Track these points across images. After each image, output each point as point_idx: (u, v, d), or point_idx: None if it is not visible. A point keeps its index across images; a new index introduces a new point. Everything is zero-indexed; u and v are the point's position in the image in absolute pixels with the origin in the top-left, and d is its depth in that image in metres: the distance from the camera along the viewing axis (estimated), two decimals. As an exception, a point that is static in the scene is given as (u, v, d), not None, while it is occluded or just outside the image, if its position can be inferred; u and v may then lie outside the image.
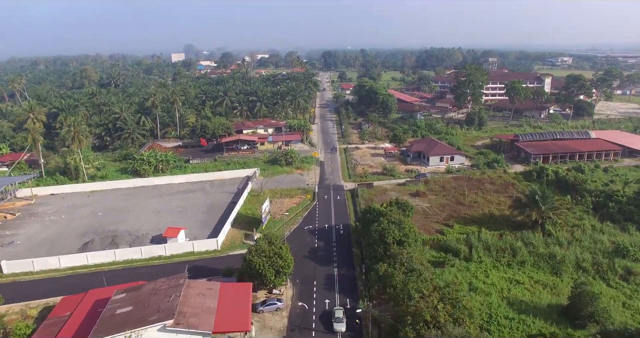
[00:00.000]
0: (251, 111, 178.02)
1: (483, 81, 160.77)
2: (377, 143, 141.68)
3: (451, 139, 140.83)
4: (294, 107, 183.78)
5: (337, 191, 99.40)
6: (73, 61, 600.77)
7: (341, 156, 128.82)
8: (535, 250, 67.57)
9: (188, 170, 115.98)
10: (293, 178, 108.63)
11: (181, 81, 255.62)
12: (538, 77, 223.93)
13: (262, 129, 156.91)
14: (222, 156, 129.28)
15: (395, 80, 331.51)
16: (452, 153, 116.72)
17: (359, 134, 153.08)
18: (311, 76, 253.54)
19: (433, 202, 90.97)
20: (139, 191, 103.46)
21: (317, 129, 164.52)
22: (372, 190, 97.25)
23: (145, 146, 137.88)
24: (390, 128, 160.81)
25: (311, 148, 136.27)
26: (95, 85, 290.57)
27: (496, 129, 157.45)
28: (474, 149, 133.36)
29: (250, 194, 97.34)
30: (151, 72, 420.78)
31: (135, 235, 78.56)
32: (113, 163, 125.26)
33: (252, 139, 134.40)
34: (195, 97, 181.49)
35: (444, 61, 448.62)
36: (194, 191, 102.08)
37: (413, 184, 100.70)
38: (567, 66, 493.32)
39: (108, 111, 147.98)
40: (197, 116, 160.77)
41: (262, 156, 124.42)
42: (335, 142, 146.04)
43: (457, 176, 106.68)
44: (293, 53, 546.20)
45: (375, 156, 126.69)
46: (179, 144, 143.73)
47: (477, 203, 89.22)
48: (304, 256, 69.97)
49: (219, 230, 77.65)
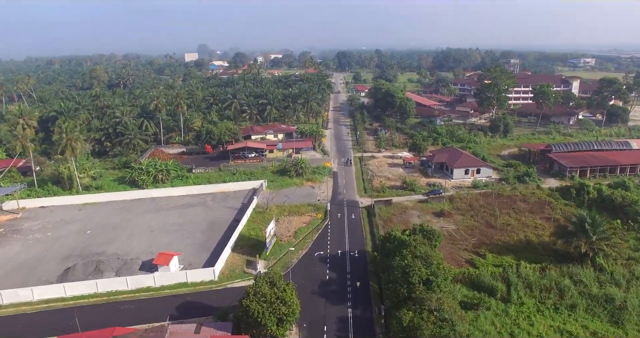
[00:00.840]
0: (261, 115, 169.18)
1: (509, 84, 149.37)
2: (395, 152, 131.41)
3: (475, 148, 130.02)
4: (306, 111, 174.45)
5: (352, 209, 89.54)
6: (87, 60, 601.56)
7: (356, 166, 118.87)
8: (587, 290, 56.95)
9: (190, 181, 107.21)
10: (303, 192, 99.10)
11: (190, 82, 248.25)
12: (565, 80, 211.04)
13: (272, 135, 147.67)
14: (227, 164, 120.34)
15: (412, 82, 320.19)
16: (478, 165, 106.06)
17: (375, 141, 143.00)
18: (325, 78, 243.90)
19: (460, 224, 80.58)
20: (134, 204, 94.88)
21: (330, 135, 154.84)
22: (390, 208, 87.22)
23: (147, 152, 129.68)
24: (408, 134, 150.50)
25: (323, 156, 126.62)
26: (105, 85, 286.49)
27: (523, 137, 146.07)
28: (500, 159, 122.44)
29: (255, 210, 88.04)
30: (163, 72, 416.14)
31: (123, 259, 69.71)
32: (112, 171, 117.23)
33: (260, 147, 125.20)
34: (203, 99, 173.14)
35: (462, 62, 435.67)
36: (194, 205, 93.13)
37: (436, 201, 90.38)
38: (590, 67, 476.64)
39: (111, 114, 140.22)
40: (204, 120, 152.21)
41: (271, 165, 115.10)
42: (350, 150, 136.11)
43: (485, 191, 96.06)
44: (306, 53, 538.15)
45: (393, 167, 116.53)
46: (183, 150, 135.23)
47: (511, 225, 78.48)
48: (313, 291, 60.32)
49: (218, 254, 68.53)
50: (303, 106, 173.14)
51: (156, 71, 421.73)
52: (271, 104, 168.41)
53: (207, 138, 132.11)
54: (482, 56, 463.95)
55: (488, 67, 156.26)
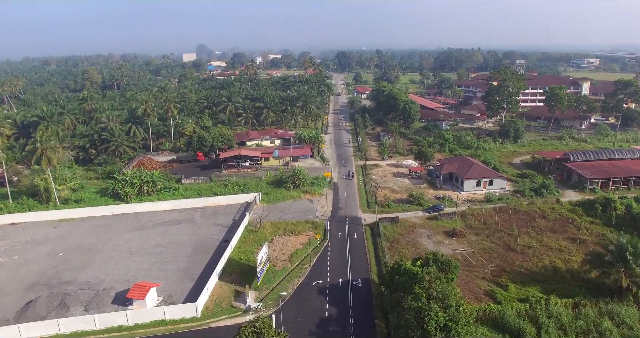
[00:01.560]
0: (257, 119, 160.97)
1: (519, 87, 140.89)
2: (399, 159, 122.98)
3: (485, 155, 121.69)
4: (305, 115, 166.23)
5: (354, 227, 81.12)
6: (84, 60, 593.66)
7: (358, 176, 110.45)
8: (633, 333, 48.57)
9: (178, 193, 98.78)
10: (300, 206, 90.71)
11: (185, 84, 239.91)
12: (574, 82, 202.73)
13: (269, 141, 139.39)
14: (219, 174, 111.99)
15: (414, 83, 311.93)
16: (491, 176, 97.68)
17: (377, 148, 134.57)
18: (324, 79, 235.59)
19: (475, 245, 72.20)
20: (116, 220, 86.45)
21: (330, 141, 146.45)
22: (396, 226, 78.81)
23: (134, 160, 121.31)
24: (412, 139, 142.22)
25: (323, 164, 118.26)
26: (98, 87, 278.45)
27: (534, 143, 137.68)
28: (512, 168, 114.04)
29: (248, 229, 79.63)
30: (159, 73, 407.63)
31: (95, 289, 61.32)
32: (96, 181, 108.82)
33: (255, 155, 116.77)
34: (196, 103, 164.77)
35: (464, 63, 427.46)
36: (181, 222, 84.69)
37: (447, 218, 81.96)
38: (594, 67, 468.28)
39: (98, 119, 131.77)
40: (196, 125, 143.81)
41: (266, 175, 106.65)
42: (351, 157, 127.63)
43: (500, 206, 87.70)
44: (306, 53, 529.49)
45: (398, 177, 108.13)
46: (173, 158, 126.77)
47: (532, 248, 70.03)
48: (311, 332, 51.93)
49: (203, 283, 60.16)
50: (302, 110, 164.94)
51: (152, 72, 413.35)
52: (268, 107, 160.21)
53: (199, 144, 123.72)
54: (485, 56, 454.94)
55: (497, 68, 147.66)
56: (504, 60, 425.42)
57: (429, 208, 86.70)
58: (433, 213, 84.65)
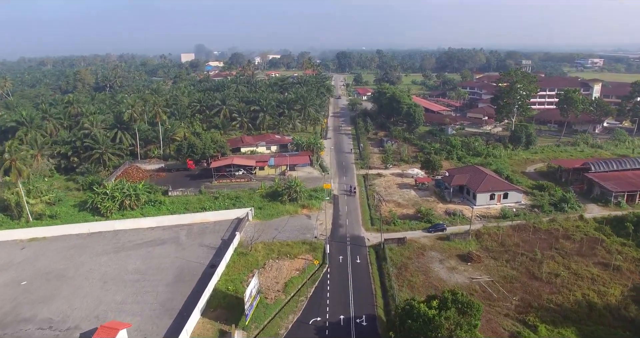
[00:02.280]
0: (253, 123, 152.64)
1: (531, 90, 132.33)
2: (404, 168, 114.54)
3: (496, 163, 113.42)
4: (303, 119, 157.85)
5: (357, 248, 72.66)
6: (81, 61, 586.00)
7: (360, 187, 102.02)
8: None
9: (164, 207, 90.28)
10: (297, 223, 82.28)
11: (179, 85, 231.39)
12: (585, 84, 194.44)
13: (264, 147, 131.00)
14: (210, 184, 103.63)
15: (416, 84, 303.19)
16: (505, 189, 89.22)
17: (380, 155, 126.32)
18: (324, 80, 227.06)
19: (494, 272, 63.80)
20: (92, 240, 78.00)
21: (329, 146, 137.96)
22: (404, 248, 70.41)
23: (119, 168, 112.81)
24: (418, 145, 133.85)
25: (322, 174, 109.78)
26: (90, 88, 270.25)
27: (547, 150, 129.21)
28: (526, 178, 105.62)
29: (237, 251, 71.20)
30: (156, 73, 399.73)
31: (57, 330, 52.91)
32: (77, 193, 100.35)
33: (249, 164, 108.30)
34: (189, 106, 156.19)
35: (466, 63, 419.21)
36: (164, 242, 76.25)
37: (460, 238, 73.55)
38: (598, 68, 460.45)
39: (83, 123, 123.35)
40: (188, 130, 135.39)
41: (260, 186, 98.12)
42: (352, 166, 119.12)
43: (518, 223, 79.34)
44: (305, 54, 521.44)
45: (404, 188, 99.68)
46: (162, 166, 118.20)
47: (560, 277, 61.62)
48: (307, 389, 43.59)
49: (184, 321, 51.83)
50: (300, 113, 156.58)
51: (148, 72, 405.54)
52: (264, 111, 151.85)
53: (189, 152, 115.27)
54: (487, 56, 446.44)
55: (507, 70, 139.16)
56: (507, 60, 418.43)
57: (429, 227, 78.13)
58: (435, 232, 76.29)
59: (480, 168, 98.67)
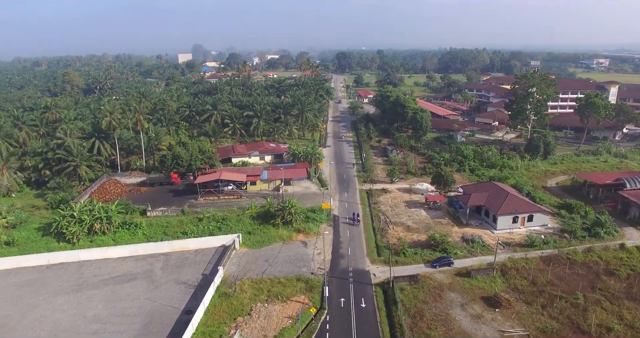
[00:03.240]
0: (247, 129, 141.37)
1: (549, 94, 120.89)
2: (412, 181, 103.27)
3: (513, 176, 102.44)
4: (301, 124, 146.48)
5: (361, 288, 61.36)
6: (76, 61, 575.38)
7: (363, 205, 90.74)
8: None
9: (139, 232, 78.90)
10: (291, 252, 71.00)
11: (171, 87, 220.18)
12: (600, 86, 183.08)
13: (258, 157, 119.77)
14: (195, 202, 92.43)
15: (419, 85, 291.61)
16: (530, 210, 77.93)
17: (384, 166, 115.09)
18: (323, 82, 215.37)
19: (528, 322, 52.44)
20: (51, 274, 66.76)
21: (329, 156, 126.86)
22: (418, 289, 59.15)
23: (96, 183, 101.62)
24: (425, 155, 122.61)
25: (321, 190, 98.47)
26: (80, 90, 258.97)
27: (568, 160, 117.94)
28: (548, 194, 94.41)
29: (220, 291, 59.95)
30: (150, 74, 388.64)
31: None
32: (45, 212, 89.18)
33: (239, 179, 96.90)
34: (177, 111, 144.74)
35: (470, 64, 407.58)
36: (135, 278, 64.99)
37: (483, 275, 62.32)
38: (604, 68, 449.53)
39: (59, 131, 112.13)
40: (175, 138, 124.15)
41: (250, 206, 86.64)
42: (354, 179, 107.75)
43: (548, 254, 68.09)
44: (304, 54, 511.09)
45: (413, 207, 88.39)
46: (144, 180, 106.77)
47: (614, 332, 50.24)
48: None
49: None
50: (297, 119, 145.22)
51: (143, 73, 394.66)
52: (259, 116, 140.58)
53: (174, 164, 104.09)
54: (491, 56, 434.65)
55: (525, 72, 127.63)
56: (512, 60, 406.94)
57: (434, 261, 66.60)
58: (440, 267, 65.00)
59: (499, 184, 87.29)
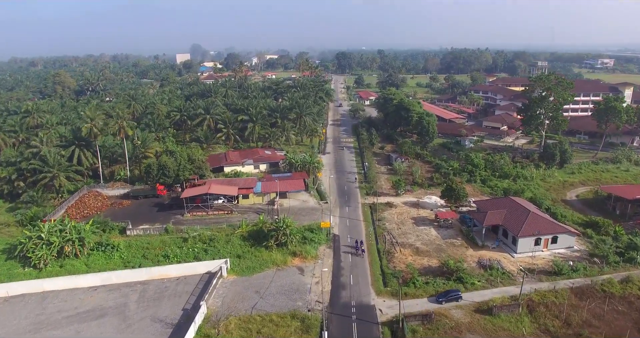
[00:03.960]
0: (241, 134, 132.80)
1: (567, 98, 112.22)
2: (419, 194, 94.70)
3: (529, 188, 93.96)
4: (299, 129, 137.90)
5: (366, 328, 52.66)
6: (72, 61, 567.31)
7: (366, 221, 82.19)
8: None
9: (116, 254, 70.35)
10: (286, 281, 62.41)
11: (164, 89, 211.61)
12: (614, 88, 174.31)
13: (252, 166, 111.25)
14: (181, 218, 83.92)
15: (421, 86, 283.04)
16: (555, 231, 69.36)
17: (389, 175, 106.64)
18: (322, 84, 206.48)
19: (567, 377, 43.97)
20: (8, 309, 58.12)
21: (328, 163, 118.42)
22: (432, 330, 50.56)
23: (75, 195, 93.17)
24: (432, 163, 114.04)
25: (320, 204, 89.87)
26: (71, 92, 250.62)
27: (585, 169, 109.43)
28: (569, 209, 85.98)
29: (202, 332, 51.37)
30: (146, 75, 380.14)
31: None
32: (15, 230, 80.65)
33: (229, 193, 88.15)
34: (167, 115, 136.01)
35: (472, 64, 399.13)
36: (105, 314, 56.31)
37: (508, 312, 53.75)
38: (609, 68, 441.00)
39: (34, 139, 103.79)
40: (164, 145, 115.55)
41: (240, 224, 77.87)
42: (356, 191, 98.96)
43: (580, 284, 59.51)
44: (304, 54, 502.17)
45: (421, 224, 79.79)
46: (127, 191, 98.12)
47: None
48: None
49: None
50: (295, 123, 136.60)
51: (139, 74, 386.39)
52: (254, 121, 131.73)
53: (160, 174, 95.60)
54: (494, 57, 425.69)
55: (539, 74, 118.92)
56: (516, 61, 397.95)
57: (439, 295, 57.43)
58: (447, 302, 56.24)
59: (517, 200, 78.64)
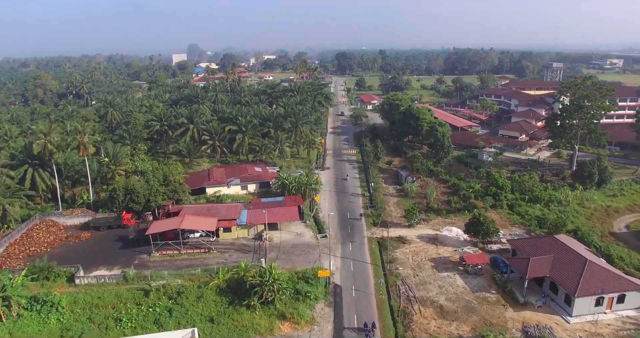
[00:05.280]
0: (229, 147, 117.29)
1: (607, 107, 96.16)
2: (437, 224, 78.96)
3: (566, 215, 78.39)
4: (295, 140, 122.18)
5: None
6: (65, 61, 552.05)
7: (375, 263, 66.43)
8: None
9: (52, 318, 54.61)
10: (271, 361, 46.78)
11: (150, 94, 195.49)
12: None
13: (239, 186, 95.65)
14: (147, 259, 68.20)
15: (426, 89, 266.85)
16: (622, 288, 53.66)
17: (398, 197, 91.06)
18: (321, 87, 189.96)
19: None
20: None
21: (328, 181, 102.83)
22: None
23: (23, 226, 77.58)
24: (447, 182, 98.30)
25: (317, 238, 74.08)
26: (54, 95, 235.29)
27: (627, 189, 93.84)
28: (622, 246, 70.40)
29: None
30: (139, 76, 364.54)
31: None
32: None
33: (206, 228, 72.17)
34: (146, 125, 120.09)
35: (478, 64, 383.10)
36: None
37: None
38: (619, 69, 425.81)
39: None
40: (136, 162, 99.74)
41: (217, 274, 61.88)
42: (361, 220, 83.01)
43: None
44: (303, 54, 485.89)
45: (443, 269, 64.08)
46: (87, 220, 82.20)
47: None
48: None
49: None
50: (290, 134, 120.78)
51: (131, 75, 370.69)
52: (243, 131, 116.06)
53: (127, 200, 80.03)
54: (499, 57, 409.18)
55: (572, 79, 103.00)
56: (523, 61, 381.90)
57: None
58: None
59: (561, 240, 62.69)
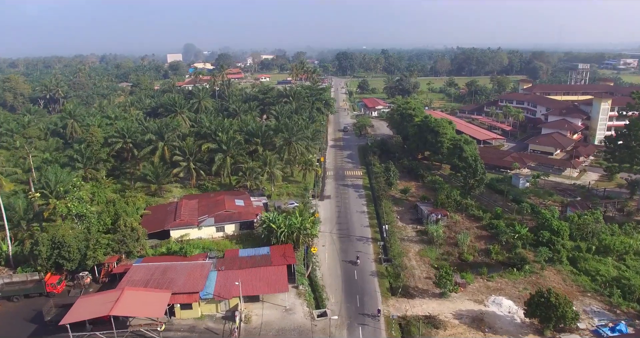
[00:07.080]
0: (207, 169, 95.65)
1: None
2: (478, 291, 57.11)
3: None
4: (289, 159, 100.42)
5: None
6: (56, 62, 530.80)
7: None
8: None
9: None
10: None
11: (128, 100, 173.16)
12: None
13: (214, 227, 73.73)
14: (63, 360, 46.33)
15: (434, 92, 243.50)
16: None
17: (418, 242, 69.24)
18: (321, 92, 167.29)
19: None
20: None
21: (328, 217, 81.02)
22: None
23: None
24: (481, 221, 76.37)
25: (313, 317, 52.17)
26: (26, 100, 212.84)
27: None
28: None
29: None
30: (127, 77, 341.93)
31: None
32: None
33: (150, 315, 50.19)
34: (106, 143, 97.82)
35: (487, 65, 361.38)
36: None
37: None
38: (634, 69, 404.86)
39: None
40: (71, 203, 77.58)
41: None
42: (373, 280, 61.04)
43: None
44: (301, 54, 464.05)
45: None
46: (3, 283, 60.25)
47: None
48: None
49: None
50: (281, 153, 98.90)
51: (119, 77, 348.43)
52: (224, 151, 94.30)
53: (56, 256, 58.34)
54: (509, 56, 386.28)
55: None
56: (535, 61, 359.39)
57: None
58: None
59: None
